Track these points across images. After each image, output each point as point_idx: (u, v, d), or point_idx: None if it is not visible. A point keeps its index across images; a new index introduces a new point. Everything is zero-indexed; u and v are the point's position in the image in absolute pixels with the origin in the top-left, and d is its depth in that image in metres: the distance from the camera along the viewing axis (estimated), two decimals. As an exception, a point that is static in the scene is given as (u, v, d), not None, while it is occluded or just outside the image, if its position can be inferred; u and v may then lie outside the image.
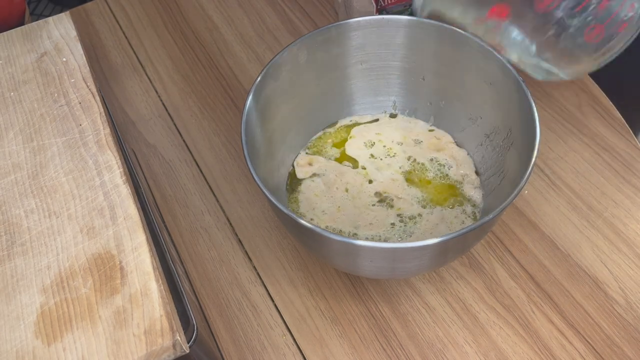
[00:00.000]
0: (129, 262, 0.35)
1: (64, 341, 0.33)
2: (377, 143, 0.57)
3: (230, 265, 0.55)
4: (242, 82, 0.68)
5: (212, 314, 0.52)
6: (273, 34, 0.73)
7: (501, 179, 0.51)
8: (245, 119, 0.47)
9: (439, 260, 0.45)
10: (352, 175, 0.55)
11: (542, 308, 0.50)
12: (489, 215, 0.40)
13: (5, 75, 0.46)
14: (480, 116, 0.54)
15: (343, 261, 0.46)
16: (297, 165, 0.56)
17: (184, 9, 0.77)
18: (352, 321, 0.51)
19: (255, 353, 0.50)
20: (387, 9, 0.63)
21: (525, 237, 0.54)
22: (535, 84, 0.65)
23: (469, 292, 0.52)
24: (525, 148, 0.45)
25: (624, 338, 0.48)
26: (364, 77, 0.57)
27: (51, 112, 0.44)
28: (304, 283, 0.53)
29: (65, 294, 0.35)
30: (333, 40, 0.53)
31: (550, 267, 0.52)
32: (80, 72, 0.46)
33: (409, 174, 0.55)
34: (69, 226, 0.37)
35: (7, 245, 0.37)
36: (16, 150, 0.42)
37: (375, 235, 0.51)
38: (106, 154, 0.41)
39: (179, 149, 0.63)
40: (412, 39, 0.54)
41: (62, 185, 0.39)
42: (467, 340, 0.49)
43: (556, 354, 0.48)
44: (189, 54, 0.72)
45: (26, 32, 0.49)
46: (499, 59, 0.49)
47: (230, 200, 0.59)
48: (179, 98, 0.68)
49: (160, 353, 0.32)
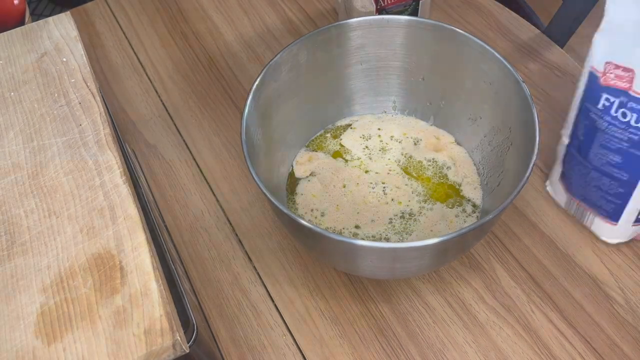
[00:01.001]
0: (128, 262, 0.35)
1: (64, 341, 0.33)
2: (375, 137, 0.58)
3: (230, 265, 0.55)
4: (242, 82, 0.68)
5: (212, 314, 0.52)
6: (273, 34, 0.73)
7: (501, 179, 0.51)
8: (245, 119, 0.47)
9: (439, 260, 0.46)
10: (348, 171, 0.55)
11: (542, 308, 0.50)
12: (489, 215, 0.40)
13: (5, 75, 0.46)
14: (480, 116, 0.54)
15: (343, 261, 0.46)
16: (296, 164, 0.56)
17: (184, 9, 0.77)
18: (352, 321, 0.51)
19: (255, 353, 0.50)
20: (387, 9, 0.63)
21: (525, 237, 0.54)
22: (535, 84, 0.65)
23: (469, 292, 0.51)
24: (525, 148, 0.45)
25: (623, 338, 0.48)
26: (364, 77, 0.57)
27: (51, 112, 0.44)
28: (304, 283, 0.53)
29: (65, 293, 0.35)
30: (333, 40, 0.53)
31: (550, 267, 0.52)
32: (80, 72, 0.46)
33: (406, 168, 0.55)
34: (69, 226, 0.37)
35: (7, 245, 0.37)
36: (16, 150, 0.42)
37: (376, 234, 0.51)
38: (106, 154, 0.41)
39: (179, 149, 0.63)
40: (412, 39, 0.54)
41: (62, 185, 0.39)
42: (467, 340, 0.49)
43: (556, 354, 0.48)
44: (189, 54, 0.72)
45: (26, 32, 0.49)
46: (499, 59, 0.49)
47: (230, 200, 0.59)
48: (179, 98, 0.68)
49: (160, 353, 0.32)
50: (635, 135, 0.43)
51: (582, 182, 0.50)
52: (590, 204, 0.50)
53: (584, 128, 0.47)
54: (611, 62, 0.43)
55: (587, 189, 0.50)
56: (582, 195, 0.51)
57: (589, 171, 0.48)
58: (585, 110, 0.47)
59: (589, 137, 0.47)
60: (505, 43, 0.70)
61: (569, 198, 0.52)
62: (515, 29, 0.71)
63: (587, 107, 0.46)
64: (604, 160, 0.46)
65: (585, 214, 0.51)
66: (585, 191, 0.50)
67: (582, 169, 0.49)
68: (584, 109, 0.47)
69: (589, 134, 0.47)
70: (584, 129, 0.47)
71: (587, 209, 0.51)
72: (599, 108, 0.45)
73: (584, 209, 0.51)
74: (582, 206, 0.51)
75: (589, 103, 0.46)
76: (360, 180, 0.55)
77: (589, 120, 0.46)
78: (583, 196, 0.50)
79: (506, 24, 0.72)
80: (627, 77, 0.42)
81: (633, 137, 0.44)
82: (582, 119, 0.47)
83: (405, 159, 0.56)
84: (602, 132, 0.45)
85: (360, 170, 0.56)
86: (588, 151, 0.48)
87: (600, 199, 0.49)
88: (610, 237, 0.52)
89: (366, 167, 0.56)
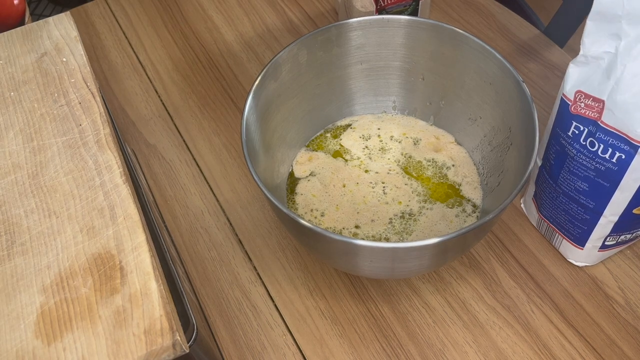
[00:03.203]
0: (128, 262, 0.35)
1: (64, 341, 0.33)
2: (374, 137, 0.58)
3: (230, 265, 0.55)
4: (242, 82, 0.68)
5: (212, 314, 0.52)
6: (273, 34, 0.73)
7: (501, 179, 0.51)
8: (245, 119, 0.47)
9: (439, 260, 0.45)
10: (347, 171, 0.55)
11: (542, 308, 0.50)
12: (489, 215, 0.40)
13: (5, 75, 0.46)
14: (480, 116, 0.54)
15: (343, 261, 0.46)
16: (296, 164, 0.56)
17: (184, 9, 0.77)
18: (352, 321, 0.51)
19: (255, 353, 0.50)
20: (387, 9, 0.63)
21: (525, 237, 0.54)
22: (535, 84, 0.65)
23: (469, 292, 0.52)
24: (525, 148, 0.45)
25: (623, 338, 0.48)
26: (364, 77, 0.57)
27: (51, 112, 0.44)
28: (304, 283, 0.53)
29: (65, 293, 0.35)
30: (333, 40, 0.53)
31: (550, 267, 0.52)
32: (80, 72, 0.46)
33: (405, 168, 0.55)
34: (69, 226, 0.37)
35: (7, 245, 0.37)
36: (16, 150, 0.42)
37: (376, 234, 0.51)
38: (106, 154, 0.41)
39: (179, 149, 0.63)
40: (412, 39, 0.54)
41: (62, 185, 0.39)
42: (467, 340, 0.49)
43: (556, 353, 0.48)
44: (189, 54, 0.72)
45: (26, 32, 0.49)
46: (499, 59, 0.49)
47: (230, 200, 0.59)
48: (179, 98, 0.68)
49: (160, 353, 0.32)
50: (601, 166, 0.44)
51: (551, 205, 0.51)
52: (558, 227, 0.51)
53: (554, 153, 0.48)
54: (582, 92, 0.44)
55: (556, 212, 0.50)
56: (551, 217, 0.51)
57: (558, 195, 0.49)
58: (556, 135, 0.47)
59: (559, 161, 0.48)
60: (505, 43, 0.70)
61: (540, 218, 0.53)
62: (515, 29, 0.71)
63: (558, 133, 0.47)
64: (572, 186, 0.47)
65: (554, 235, 0.52)
66: (555, 213, 0.51)
67: (552, 192, 0.50)
68: (554, 133, 0.47)
69: (559, 159, 0.47)
70: (555, 154, 0.48)
71: (555, 231, 0.52)
72: (568, 135, 0.45)
73: (553, 230, 0.52)
74: (552, 227, 0.52)
75: (559, 129, 0.46)
76: (360, 180, 0.55)
77: (560, 145, 0.47)
78: (552, 218, 0.51)
79: (506, 24, 0.72)
80: (597, 108, 0.43)
81: (599, 168, 0.44)
82: (554, 143, 0.48)
83: (405, 158, 0.56)
84: (571, 159, 0.46)
85: (360, 170, 0.56)
86: (557, 175, 0.48)
87: (567, 223, 0.50)
88: (576, 260, 0.52)
89: (366, 167, 0.56)
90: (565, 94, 0.45)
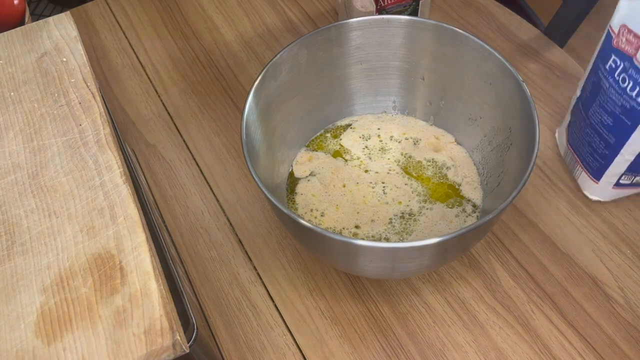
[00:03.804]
0: (129, 262, 0.35)
1: (64, 341, 0.33)
2: (374, 137, 0.58)
3: (230, 265, 0.55)
4: (242, 82, 0.68)
5: (212, 314, 0.52)
6: (273, 34, 0.73)
7: (501, 179, 0.51)
8: (245, 119, 0.47)
9: (439, 260, 0.45)
10: (347, 171, 0.55)
11: (542, 308, 0.50)
12: (489, 215, 0.40)
13: (5, 75, 0.46)
14: (480, 116, 0.54)
15: (343, 261, 0.46)
16: (296, 164, 0.56)
17: (184, 9, 0.77)
18: (352, 321, 0.51)
19: (255, 353, 0.50)
20: (387, 9, 0.63)
21: (525, 237, 0.54)
22: (535, 84, 0.66)
23: (469, 292, 0.52)
24: (525, 148, 0.45)
25: (623, 338, 0.48)
26: (364, 77, 0.57)
27: (51, 112, 0.44)
28: (304, 283, 0.53)
29: (65, 293, 0.35)
30: (333, 40, 0.53)
31: (550, 267, 0.52)
32: (80, 72, 0.46)
33: (405, 168, 0.55)
34: (69, 226, 0.37)
35: (7, 245, 0.37)
36: (16, 150, 0.42)
37: (376, 234, 0.51)
38: (106, 154, 0.41)
39: (179, 149, 0.63)
40: (412, 39, 0.54)
41: (62, 185, 0.39)
42: (467, 340, 0.49)
43: (556, 353, 0.48)
44: (189, 54, 0.72)
45: (26, 32, 0.49)
46: (499, 59, 0.49)
47: (230, 200, 0.59)
48: (179, 98, 0.68)
49: (160, 353, 0.32)
50: (627, 103, 0.45)
51: (578, 135, 0.52)
52: (581, 158, 0.53)
53: (591, 84, 0.49)
54: (626, 26, 0.45)
55: (581, 143, 0.52)
56: (576, 147, 0.53)
57: (586, 126, 0.51)
58: (596, 67, 0.49)
59: (593, 93, 0.49)
60: (505, 43, 0.70)
61: (567, 147, 0.55)
62: (515, 29, 0.71)
63: (598, 65, 0.48)
64: (599, 119, 0.49)
65: (575, 167, 0.54)
66: (580, 144, 0.52)
67: (581, 123, 0.51)
68: (595, 65, 0.49)
69: (594, 91, 0.49)
70: (591, 85, 0.49)
71: (577, 162, 0.53)
72: (606, 68, 0.47)
73: (576, 161, 0.54)
74: (575, 158, 0.54)
75: (600, 61, 0.48)
76: (360, 180, 0.55)
77: (597, 77, 0.48)
78: (576, 148, 0.53)
79: (506, 24, 0.72)
80: (636, 44, 0.44)
81: (625, 105, 0.45)
82: (592, 75, 0.49)
83: (405, 158, 0.56)
84: (604, 92, 0.47)
85: (360, 170, 0.56)
86: (589, 107, 0.50)
87: (588, 155, 0.52)
88: (591, 194, 0.54)
89: (366, 167, 0.56)
90: (611, 26, 0.46)
